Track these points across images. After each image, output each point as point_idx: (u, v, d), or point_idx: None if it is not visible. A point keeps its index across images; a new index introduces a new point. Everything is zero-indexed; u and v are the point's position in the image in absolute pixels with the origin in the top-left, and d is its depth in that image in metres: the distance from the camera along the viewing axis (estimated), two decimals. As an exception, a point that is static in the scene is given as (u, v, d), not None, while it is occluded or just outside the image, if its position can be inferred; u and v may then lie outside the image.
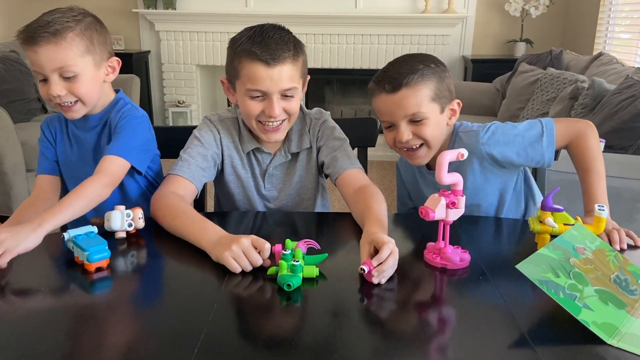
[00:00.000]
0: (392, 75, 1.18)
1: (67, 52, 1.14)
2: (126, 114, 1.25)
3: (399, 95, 1.17)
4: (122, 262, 0.99)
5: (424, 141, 1.21)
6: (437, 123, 1.21)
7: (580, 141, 1.22)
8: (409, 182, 1.45)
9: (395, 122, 1.21)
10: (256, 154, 1.33)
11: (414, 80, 1.16)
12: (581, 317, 0.77)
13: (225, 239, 0.97)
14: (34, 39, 1.12)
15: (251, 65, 1.17)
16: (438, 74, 1.20)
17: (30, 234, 0.94)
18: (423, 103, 1.17)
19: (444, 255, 0.96)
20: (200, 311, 0.81)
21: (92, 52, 1.19)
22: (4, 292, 0.88)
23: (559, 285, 0.81)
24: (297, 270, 0.89)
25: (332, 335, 0.77)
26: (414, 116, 1.18)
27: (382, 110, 1.22)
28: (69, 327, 0.79)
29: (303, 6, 4.35)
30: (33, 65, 1.15)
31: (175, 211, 1.11)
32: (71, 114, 1.21)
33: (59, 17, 1.14)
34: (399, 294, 0.90)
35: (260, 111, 1.21)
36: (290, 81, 1.19)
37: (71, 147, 1.31)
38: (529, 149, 1.22)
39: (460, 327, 0.81)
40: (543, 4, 4.18)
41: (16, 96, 3.46)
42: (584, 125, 1.23)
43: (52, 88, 1.15)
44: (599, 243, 0.92)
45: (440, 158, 0.93)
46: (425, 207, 0.95)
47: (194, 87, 4.64)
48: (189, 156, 1.25)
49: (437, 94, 1.19)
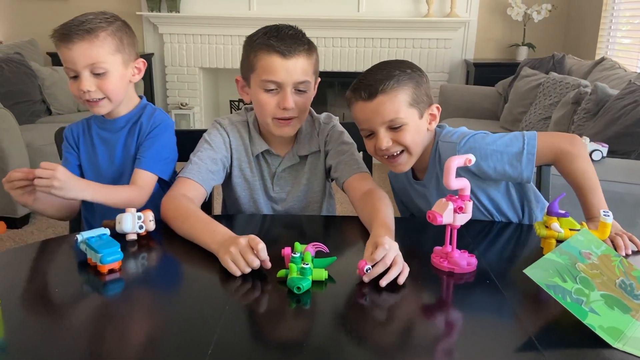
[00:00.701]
0: (368, 82, 1.17)
1: (99, 50, 1.21)
2: (157, 121, 1.32)
3: (375, 102, 1.16)
4: (133, 264, 1.01)
5: (404, 147, 1.20)
6: (416, 128, 1.20)
7: (566, 163, 1.20)
8: (400, 192, 1.46)
9: (374, 130, 1.19)
10: (265, 156, 1.35)
11: (390, 86, 1.15)
12: (588, 322, 0.78)
13: (228, 240, 0.98)
14: (69, 37, 1.19)
15: (267, 56, 1.21)
16: (414, 79, 1.19)
17: (75, 187, 1.12)
18: (401, 109, 1.16)
19: (452, 260, 0.97)
20: (212, 314, 0.82)
21: (122, 52, 1.26)
22: (18, 293, 0.89)
23: (566, 289, 0.83)
24: (307, 274, 0.90)
25: (341, 338, 0.78)
26: (392, 122, 1.17)
27: (360, 118, 1.21)
28: (83, 329, 0.80)
29: (306, 9, 4.37)
30: (65, 62, 1.22)
31: (184, 213, 1.12)
32: (97, 109, 1.27)
33: (93, 18, 1.22)
34: (406, 297, 0.91)
35: (274, 105, 1.23)
36: (304, 74, 1.23)
37: (95, 148, 1.35)
38: (507, 166, 1.20)
39: (468, 330, 0.82)
40: (545, 9, 4.19)
41: (21, 98, 3.47)
42: (569, 144, 1.20)
43: (83, 83, 1.21)
44: (604, 248, 0.94)
45: (448, 163, 0.95)
46: (433, 211, 0.97)
47: (197, 90, 4.65)
48: (199, 159, 1.27)
49: (415, 99, 1.18)
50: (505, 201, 1.31)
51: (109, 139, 1.35)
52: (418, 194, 1.36)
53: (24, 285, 0.92)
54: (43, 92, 3.68)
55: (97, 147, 1.35)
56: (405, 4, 4.41)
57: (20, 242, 2.78)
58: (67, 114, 3.79)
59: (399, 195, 1.47)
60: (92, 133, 1.36)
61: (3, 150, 2.74)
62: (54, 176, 1.08)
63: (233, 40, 4.47)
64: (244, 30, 4.62)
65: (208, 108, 4.85)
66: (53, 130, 3.29)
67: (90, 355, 0.74)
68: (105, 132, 1.35)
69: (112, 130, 1.35)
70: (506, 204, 1.31)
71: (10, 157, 2.78)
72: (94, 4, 4.60)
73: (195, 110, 4.65)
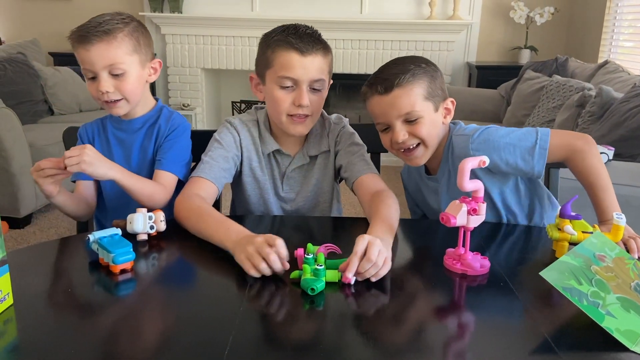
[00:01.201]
0: (384, 77, 1.20)
1: (117, 51, 1.22)
2: (176, 124, 1.34)
3: (391, 95, 1.18)
4: (144, 264, 1.00)
5: (420, 140, 1.22)
6: (432, 122, 1.22)
7: (579, 160, 1.20)
8: (412, 191, 1.46)
9: (390, 123, 1.21)
10: (276, 155, 1.36)
11: (405, 80, 1.17)
12: (605, 325, 0.78)
13: (245, 239, 0.97)
14: (87, 38, 1.20)
15: (285, 53, 1.21)
16: (429, 74, 1.21)
17: (104, 164, 1.16)
18: (416, 102, 1.18)
19: (465, 262, 0.97)
20: (226, 315, 0.82)
21: (139, 52, 1.26)
22: (30, 293, 0.89)
23: (582, 292, 0.82)
24: (320, 275, 0.90)
25: (355, 340, 0.78)
26: (408, 115, 1.19)
27: (376, 112, 1.23)
28: (96, 329, 0.79)
29: (309, 11, 4.37)
30: (84, 63, 1.22)
31: (198, 212, 1.12)
32: (116, 109, 1.28)
33: (109, 19, 1.22)
34: (420, 299, 0.91)
35: (289, 102, 1.23)
36: (320, 72, 1.24)
37: (111, 148, 1.35)
38: (519, 160, 1.20)
39: (484, 332, 0.82)
40: (548, 12, 4.20)
41: (24, 98, 3.47)
42: (582, 141, 1.20)
43: (101, 84, 1.22)
44: (618, 251, 0.93)
45: (462, 165, 0.94)
46: (447, 213, 0.96)
47: (199, 91, 4.65)
48: (211, 158, 1.28)
49: (430, 93, 1.20)
50: (514, 198, 1.31)
51: (125, 140, 1.35)
52: (430, 190, 1.37)
53: (36, 285, 0.92)
54: (45, 92, 3.68)
55: (112, 147, 1.35)
56: (407, 6, 4.41)
57: (23, 242, 2.77)
58: (69, 114, 3.78)
59: (412, 194, 1.47)
60: (107, 133, 1.36)
61: (6, 150, 2.74)
62: (84, 152, 1.12)
63: (235, 41, 4.47)
64: (246, 31, 4.64)
65: (210, 109, 4.85)
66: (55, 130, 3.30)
67: (104, 356, 0.73)
68: (121, 133, 1.36)
69: (129, 131, 1.35)
70: (515, 202, 1.32)
71: (13, 157, 2.77)
72: (97, 4, 4.62)
73: (197, 111, 4.65)
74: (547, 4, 4.28)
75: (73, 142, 1.40)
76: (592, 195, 1.19)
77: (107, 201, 1.37)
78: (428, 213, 1.44)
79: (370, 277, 0.92)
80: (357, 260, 0.91)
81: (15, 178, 2.79)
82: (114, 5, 4.55)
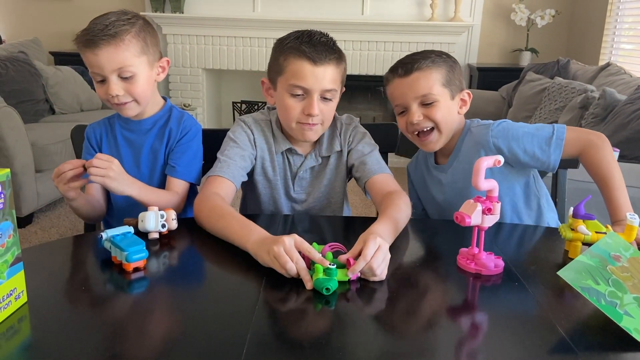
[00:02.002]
0: (405, 61, 1.27)
1: (125, 53, 1.20)
2: (187, 127, 1.34)
3: (411, 77, 1.25)
4: (155, 263, 1.00)
5: (435, 124, 1.26)
6: (447, 108, 1.27)
7: (593, 153, 1.21)
8: (417, 183, 1.47)
9: (407, 105, 1.27)
10: (288, 155, 1.35)
11: (425, 65, 1.24)
12: (624, 324, 0.78)
13: (268, 239, 0.97)
14: (95, 42, 1.17)
15: (298, 61, 1.21)
16: (449, 64, 1.28)
17: (124, 183, 1.16)
18: (434, 86, 1.24)
19: (479, 261, 0.97)
20: (242, 314, 0.81)
21: (147, 53, 1.24)
22: (43, 291, 0.88)
23: (600, 292, 0.82)
24: (333, 274, 0.89)
25: (368, 339, 0.78)
26: (425, 98, 1.24)
27: (395, 94, 1.29)
28: (111, 327, 0.79)
29: (310, 12, 4.37)
30: (92, 67, 1.20)
31: (219, 212, 1.11)
32: (126, 111, 1.27)
33: (115, 20, 1.19)
34: (434, 299, 0.91)
35: (299, 110, 1.24)
36: (332, 83, 1.23)
37: (119, 149, 1.34)
38: (537, 149, 1.24)
39: (502, 331, 0.81)
40: (549, 14, 4.21)
41: (25, 97, 3.45)
42: (596, 137, 1.23)
43: (111, 88, 1.21)
44: (632, 251, 0.93)
45: (478, 164, 0.94)
46: (461, 212, 0.96)
47: (200, 91, 4.65)
48: (227, 157, 1.27)
49: (448, 81, 1.26)
50: (522, 197, 1.33)
51: (134, 140, 1.34)
52: (435, 181, 1.38)
53: (50, 283, 0.91)
54: (47, 92, 3.66)
55: (121, 148, 1.34)
56: (409, 8, 4.42)
57: (24, 242, 2.76)
58: (71, 114, 3.77)
59: (416, 186, 1.48)
60: (115, 133, 1.35)
61: (8, 149, 2.72)
62: (110, 167, 1.12)
63: (237, 41, 4.47)
64: (247, 31, 4.63)
65: (211, 109, 4.84)
66: (57, 129, 3.29)
67: (117, 354, 0.72)
68: (130, 133, 1.34)
69: (139, 131, 1.34)
70: (523, 201, 1.33)
71: (15, 156, 2.76)
72: (98, 3, 4.61)
73: (198, 111, 4.64)
74: (548, 6, 4.29)
75: (81, 140, 1.40)
76: (606, 193, 1.20)
77: (115, 204, 1.37)
78: (429, 206, 1.44)
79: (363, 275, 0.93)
80: (364, 264, 0.90)
81: (17, 177, 2.78)
82: (116, 5, 4.54)
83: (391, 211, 1.11)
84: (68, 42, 4.76)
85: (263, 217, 1.34)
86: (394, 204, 1.15)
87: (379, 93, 4.98)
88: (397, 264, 1.01)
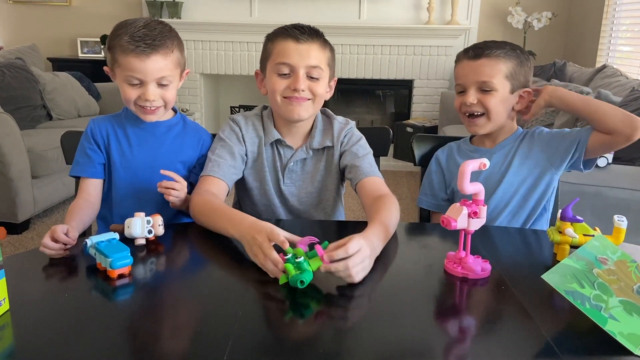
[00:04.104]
0: (479, 46, 1.32)
1: (169, 64, 1.26)
2: (207, 138, 1.40)
3: (478, 62, 1.29)
4: (142, 269, 0.99)
5: (486, 110, 1.30)
6: (503, 99, 1.30)
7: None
8: (448, 167, 1.45)
9: (467, 86, 1.32)
10: (278, 147, 1.36)
11: (495, 54, 1.28)
12: (608, 328, 0.77)
13: (249, 232, 0.98)
14: (144, 51, 1.21)
15: (282, 42, 1.27)
16: (520, 58, 1.31)
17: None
18: (497, 75, 1.28)
19: (466, 265, 0.96)
20: (225, 321, 0.81)
21: (181, 65, 1.31)
22: (26, 298, 0.88)
23: (585, 295, 0.81)
24: (304, 266, 0.89)
25: (353, 344, 0.77)
26: (484, 84, 1.29)
27: (459, 74, 1.34)
28: (93, 335, 0.78)
29: (307, 16, 4.37)
30: (132, 71, 1.22)
31: (210, 207, 1.15)
32: (151, 116, 1.30)
33: (160, 30, 1.23)
34: (420, 303, 0.90)
35: (285, 86, 1.27)
36: (317, 60, 1.27)
37: (132, 148, 1.34)
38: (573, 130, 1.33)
39: (486, 336, 0.81)
40: (545, 17, 4.21)
41: (22, 103, 3.45)
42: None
43: (149, 94, 1.25)
44: (620, 254, 0.92)
45: (463, 167, 0.94)
46: (447, 216, 0.96)
47: (198, 96, 4.65)
48: (218, 156, 1.29)
49: (512, 75, 1.29)
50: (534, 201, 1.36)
51: (149, 142, 1.35)
52: (462, 154, 1.42)
53: (33, 290, 0.91)
54: (44, 97, 3.67)
55: (134, 147, 1.34)
56: (406, 11, 4.43)
57: (21, 248, 2.76)
58: (68, 119, 3.77)
59: (447, 175, 1.46)
60: (127, 132, 1.34)
61: (4, 155, 2.72)
62: (182, 188, 1.20)
63: (234, 46, 4.48)
64: (245, 36, 4.64)
65: (209, 114, 4.85)
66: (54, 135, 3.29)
67: (102, 361, 0.72)
68: (144, 133, 1.35)
69: (154, 133, 1.35)
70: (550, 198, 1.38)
71: (11, 162, 2.76)
72: (96, 10, 4.63)
73: (196, 116, 4.65)
74: (545, 8, 4.29)
75: (71, 146, 1.39)
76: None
77: (116, 199, 1.36)
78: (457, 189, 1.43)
79: (337, 272, 0.90)
80: (343, 254, 0.89)
81: (14, 183, 2.78)
82: (113, 12, 4.56)
83: (383, 216, 1.11)
84: (66, 48, 4.78)
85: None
86: (386, 209, 1.15)
87: (377, 97, 4.99)
88: (385, 267, 1.00)
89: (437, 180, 1.47)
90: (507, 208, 1.35)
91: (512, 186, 1.34)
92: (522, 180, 1.34)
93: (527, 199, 1.35)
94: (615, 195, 1.99)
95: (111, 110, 3.99)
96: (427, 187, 1.49)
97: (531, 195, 1.34)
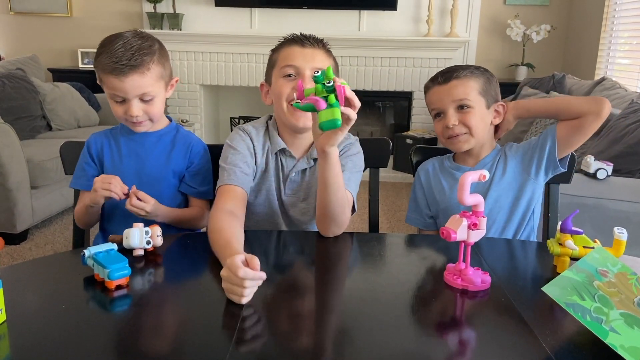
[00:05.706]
0: (445, 71, 1.37)
1: (149, 80, 1.27)
2: (199, 147, 1.42)
3: (449, 85, 1.34)
4: (140, 280, 0.99)
5: (469, 129, 1.33)
6: (481, 116, 1.34)
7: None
8: (433, 184, 1.45)
9: (444, 109, 1.34)
10: (281, 157, 1.36)
11: (463, 74, 1.33)
12: (609, 341, 0.77)
13: (223, 272, 0.92)
14: (121, 70, 1.23)
15: (287, 48, 1.32)
16: (486, 76, 1.36)
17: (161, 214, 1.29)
18: (470, 93, 1.32)
19: (465, 277, 0.96)
20: (223, 334, 0.81)
21: (164, 77, 1.32)
22: (24, 309, 0.87)
23: (585, 308, 0.81)
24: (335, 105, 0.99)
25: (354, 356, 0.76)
26: (461, 102, 1.32)
27: (433, 100, 1.38)
28: (91, 345, 0.78)
29: (307, 28, 4.35)
30: (114, 90, 1.26)
31: (217, 236, 1.08)
32: (140, 128, 1.34)
33: (138, 48, 1.24)
34: (420, 315, 0.89)
35: (290, 89, 1.28)
36: (322, 63, 1.29)
37: (122, 158, 1.37)
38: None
39: (487, 349, 0.80)
40: (544, 30, 4.23)
41: (22, 113, 3.46)
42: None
43: (132, 110, 1.28)
44: (620, 266, 0.92)
45: (463, 179, 0.94)
46: (447, 227, 0.95)
47: (198, 107, 4.66)
48: (231, 164, 1.29)
49: (484, 90, 1.34)
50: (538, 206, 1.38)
51: (139, 152, 1.38)
52: (446, 174, 1.43)
53: (30, 301, 0.90)
54: (44, 108, 3.68)
55: (124, 158, 1.37)
56: (405, 24, 4.45)
57: (18, 259, 2.75)
58: (68, 130, 3.78)
59: (428, 192, 1.46)
60: (120, 145, 1.38)
61: (3, 166, 2.72)
62: (144, 208, 1.23)
63: (234, 57, 4.49)
64: (245, 48, 4.65)
65: (208, 125, 4.85)
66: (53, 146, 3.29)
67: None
68: (135, 145, 1.38)
69: (143, 143, 1.38)
70: (537, 210, 1.39)
71: (10, 172, 2.75)
72: (96, 21, 4.65)
73: (196, 127, 4.66)
74: (544, 21, 4.32)
75: (70, 156, 1.40)
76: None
77: (108, 209, 1.38)
78: (437, 213, 1.44)
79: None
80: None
81: (12, 194, 2.77)
82: (114, 23, 4.59)
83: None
84: (66, 59, 4.79)
85: (257, 234, 1.32)
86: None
87: (377, 108, 5.00)
88: (385, 278, 1.00)
89: (420, 197, 1.48)
90: (495, 224, 1.35)
91: (497, 202, 1.35)
92: (505, 194, 1.35)
93: (513, 211, 1.36)
94: (615, 208, 1.99)
95: (111, 121, 3.99)
96: (412, 204, 1.50)
97: (516, 208, 1.36)
